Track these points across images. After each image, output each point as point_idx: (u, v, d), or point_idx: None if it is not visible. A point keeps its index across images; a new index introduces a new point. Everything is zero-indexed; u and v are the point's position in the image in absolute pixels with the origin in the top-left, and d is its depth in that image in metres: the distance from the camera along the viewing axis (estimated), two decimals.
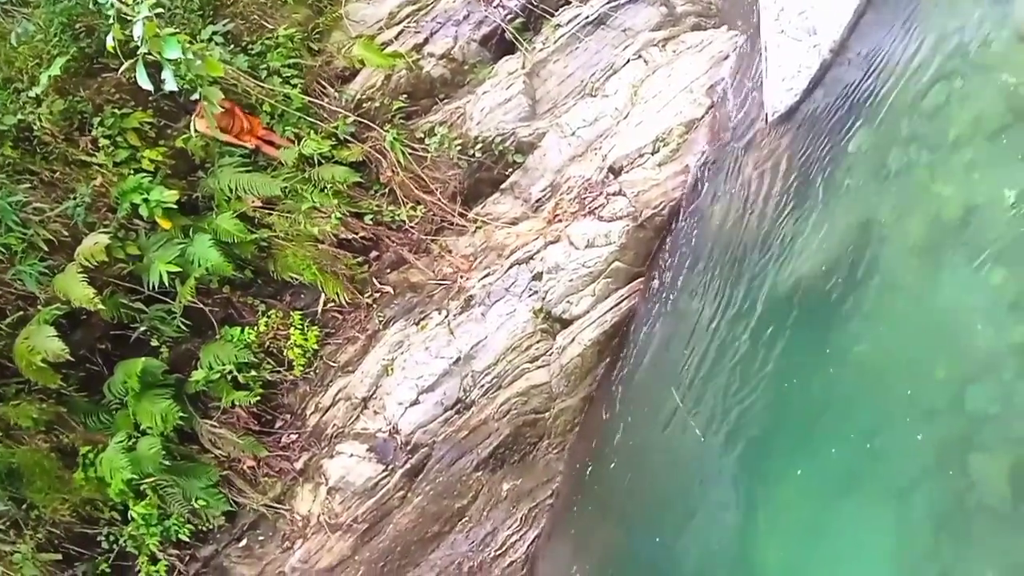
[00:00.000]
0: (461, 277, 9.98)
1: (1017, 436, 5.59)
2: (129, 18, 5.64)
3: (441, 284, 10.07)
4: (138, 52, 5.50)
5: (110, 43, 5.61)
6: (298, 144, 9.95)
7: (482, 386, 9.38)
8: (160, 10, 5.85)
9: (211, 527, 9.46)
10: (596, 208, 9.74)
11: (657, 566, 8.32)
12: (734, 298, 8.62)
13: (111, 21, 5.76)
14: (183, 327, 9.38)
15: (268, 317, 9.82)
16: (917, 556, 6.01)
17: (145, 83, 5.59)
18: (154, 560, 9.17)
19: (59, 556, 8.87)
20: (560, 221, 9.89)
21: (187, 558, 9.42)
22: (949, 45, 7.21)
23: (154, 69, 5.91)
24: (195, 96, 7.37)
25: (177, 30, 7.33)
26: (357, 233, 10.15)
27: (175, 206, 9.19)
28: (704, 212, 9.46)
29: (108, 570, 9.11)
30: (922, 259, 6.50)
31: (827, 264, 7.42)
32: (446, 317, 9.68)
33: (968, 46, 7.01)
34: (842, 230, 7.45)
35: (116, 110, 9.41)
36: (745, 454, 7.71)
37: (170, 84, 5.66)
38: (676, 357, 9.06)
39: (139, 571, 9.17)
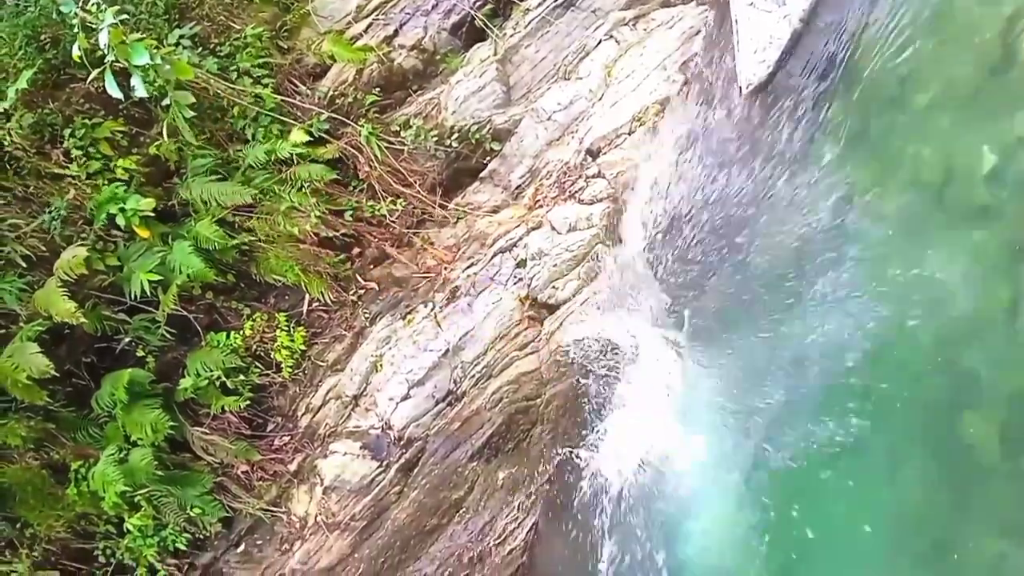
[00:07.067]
0: (445, 269, 9.92)
1: (1005, 394, 5.63)
2: (94, 27, 5.52)
3: (425, 277, 10.01)
4: (105, 61, 5.39)
5: (76, 53, 5.50)
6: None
7: (472, 376, 9.35)
8: (125, 17, 5.70)
9: (208, 534, 9.37)
10: (576, 191, 9.71)
11: None
12: (721, 277, 8.64)
13: (76, 31, 5.65)
14: (168, 336, 9.26)
15: (253, 320, 9.72)
16: (918, 520, 6.07)
17: (114, 91, 5.48)
18: (153, 571, 9.08)
19: (56, 573, 8.78)
20: (541, 206, 9.86)
21: (186, 567, 9.33)
22: (916, 8, 7.24)
23: (122, 77, 5.81)
24: (166, 101, 7.27)
25: (143, 36, 7.22)
26: (338, 230, 10.06)
27: (152, 214, 9.07)
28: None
29: None
30: (904, 225, 6.53)
31: (811, 236, 7.45)
32: (432, 310, 9.64)
33: (936, 7, 7.04)
34: (825, 198, 7.48)
35: (86, 121, 9.26)
36: (745, 434, 7.75)
37: (140, 91, 5.56)
38: None
39: None
